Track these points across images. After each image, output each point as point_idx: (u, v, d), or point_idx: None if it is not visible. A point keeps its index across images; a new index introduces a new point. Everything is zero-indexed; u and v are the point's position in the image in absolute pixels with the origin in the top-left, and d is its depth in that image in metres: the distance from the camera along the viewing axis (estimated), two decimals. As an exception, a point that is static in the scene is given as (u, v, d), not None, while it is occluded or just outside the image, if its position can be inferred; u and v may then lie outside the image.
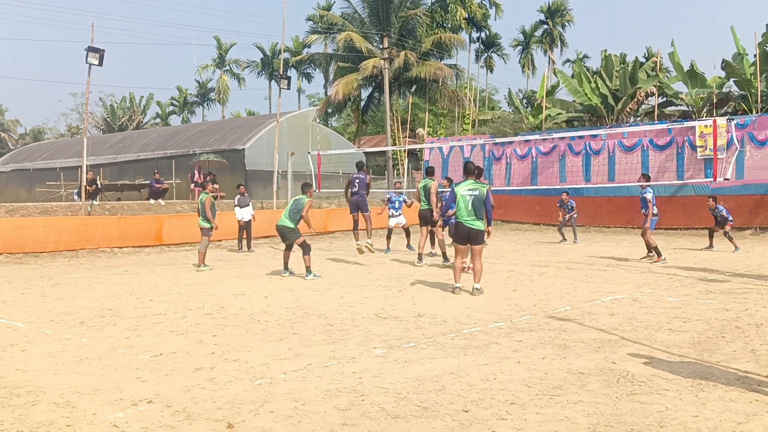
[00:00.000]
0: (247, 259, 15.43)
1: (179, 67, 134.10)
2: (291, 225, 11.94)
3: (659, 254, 13.72)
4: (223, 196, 26.11)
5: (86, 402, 4.83)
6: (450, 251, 13.13)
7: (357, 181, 14.31)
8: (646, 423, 4.24)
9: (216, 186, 26.66)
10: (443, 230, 14.13)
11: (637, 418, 4.34)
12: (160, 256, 16.60)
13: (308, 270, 11.74)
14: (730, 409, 4.48)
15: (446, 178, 17.42)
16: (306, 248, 11.86)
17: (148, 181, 26.59)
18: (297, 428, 4.25)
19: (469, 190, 9.69)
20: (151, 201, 22.83)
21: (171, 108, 73.75)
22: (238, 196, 17.69)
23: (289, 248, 12.25)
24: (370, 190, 15.07)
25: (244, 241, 17.69)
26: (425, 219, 13.82)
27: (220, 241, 19.49)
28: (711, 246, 16.35)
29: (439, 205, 13.46)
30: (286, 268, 12.21)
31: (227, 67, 68.23)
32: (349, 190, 14.42)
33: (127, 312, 8.58)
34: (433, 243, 15.04)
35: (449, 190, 13.15)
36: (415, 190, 17.23)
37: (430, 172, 14.16)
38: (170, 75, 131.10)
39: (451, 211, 12.64)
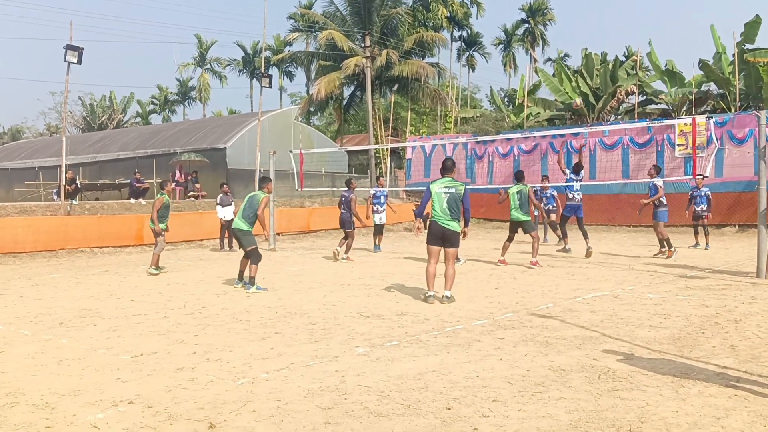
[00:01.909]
0: (229, 259, 15.35)
1: (159, 66, 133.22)
2: (244, 227, 10.52)
3: (670, 246, 13.84)
4: (204, 195, 25.98)
5: (66, 403, 4.78)
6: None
7: (342, 198, 15.07)
8: (627, 419, 4.27)
9: (197, 185, 26.64)
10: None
11: (617, 413, 4.38)
12: (140, 256, 16.48)
13: (251, 281, 10.23)
14: (709, 404, 4.52)
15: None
16: (255, 257, 10.36)
17: (128, 181, 26.36)
18: (279, 428, 4.23)
19: (445, 187, 9.01)
20: (132, 200, 22.65)
21: (151, 107, 73.09)
22: (221, 195, 17.61)
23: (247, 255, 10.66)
24: (356, 189, 15.18)
25: (226, 241, 17.60)
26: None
27: (201, 240, 19.41)
28: (702, 244, 16.24)
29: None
30: (240, 277, 10.70)
31: (208, 66, 67.77)
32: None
33: (107, 312, 8.51)
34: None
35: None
36: (397, 189, 17.14)
37: (520, 177, 13.59)
38: (150, 73, 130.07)
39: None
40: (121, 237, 17.94)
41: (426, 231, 9.44)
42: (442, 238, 9.05)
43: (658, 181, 13.94)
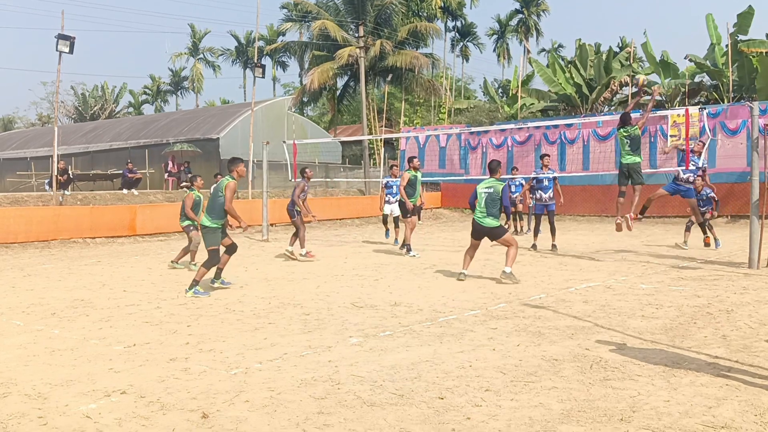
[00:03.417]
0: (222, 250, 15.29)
1: (152, 56, 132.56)
2: (205, 222, 9.21)
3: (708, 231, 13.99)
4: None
5: (58, 393, 4.77)
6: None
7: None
8: (619, 408, 4.29)
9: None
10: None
11: (609, 403, 4.40)
12: (133, 247, 16.44)
13: (193, 283, 9.06)
14: (701, 394, 4.55)
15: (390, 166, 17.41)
16: (209, 260, 9.08)
17: (120, 171, 26.27)
18: (272, 417, 4.23)
19: (486, 187, 9.94)
20: (124, 191, 22.58)
21: (144, 97, 72.80)
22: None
23: (228, 251, 9.62)
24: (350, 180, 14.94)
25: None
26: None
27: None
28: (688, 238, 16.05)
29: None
30: (218, 276, 9.63)
31: (201, 56, 67.47)
32: None
33: (99, 303, 8.49)
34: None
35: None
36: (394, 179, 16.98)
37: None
38: (143, 63, 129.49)
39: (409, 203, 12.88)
40: (114, 227, 17.88)
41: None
42: (478, 234, 10.11)
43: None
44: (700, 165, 13.49)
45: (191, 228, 11.94)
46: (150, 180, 28.33)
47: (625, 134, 11.92)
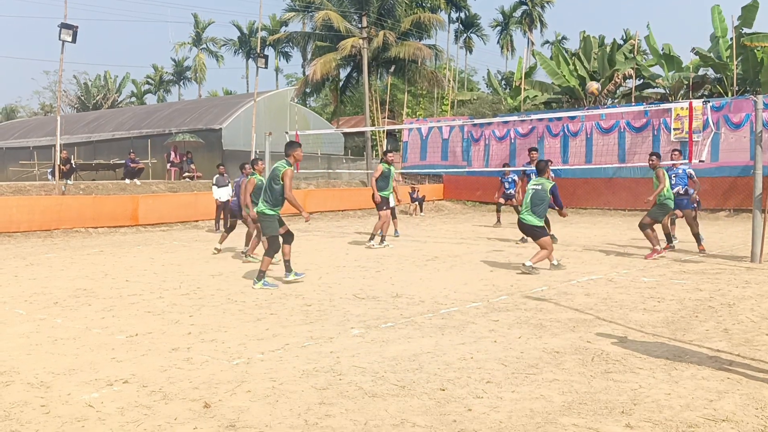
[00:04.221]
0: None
1: (155, 45, 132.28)
2: (265, 210, 8.94)
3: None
4: (199, 176, 25.91)
5: (61, 382, 4.79)
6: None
7: (235, 184, 13.30)
8: (620, 401, 4.30)
9: (192, 166, 26.54)
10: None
11: (611, 395, 4.40)
12: (135, 237, 16.46)
13: (260, 275, 8.85)
14: (702, 387, 4.55)
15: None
16: (270, 248, 8.92)
17: (123, 161, 26.26)
18: (274, 407, 4.25)
19: (534, 185, 10.08)
20: (127, 181, 22.58)
21: (146, 86, 72.72)
22: (217, 176, 17.55)
23: (285, 239, 9.19)
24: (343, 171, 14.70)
25: (222, 222, 17.56)
26: None
27: (197, 221, 19.38)
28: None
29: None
30: (288, 269, 9.18)
31: (204, 46, 67.36)
32: None
33: (102, 292, 8.51)
34: None
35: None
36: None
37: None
38: (146, 53, 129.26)
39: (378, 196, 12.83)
40: (116, 217, 17.90)
41: None
42: (524, 230, 10.23)
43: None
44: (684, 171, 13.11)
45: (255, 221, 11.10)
46: (152, 170, 28.32)
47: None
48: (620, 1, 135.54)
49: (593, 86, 18.90)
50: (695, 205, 13.33)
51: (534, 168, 14.11)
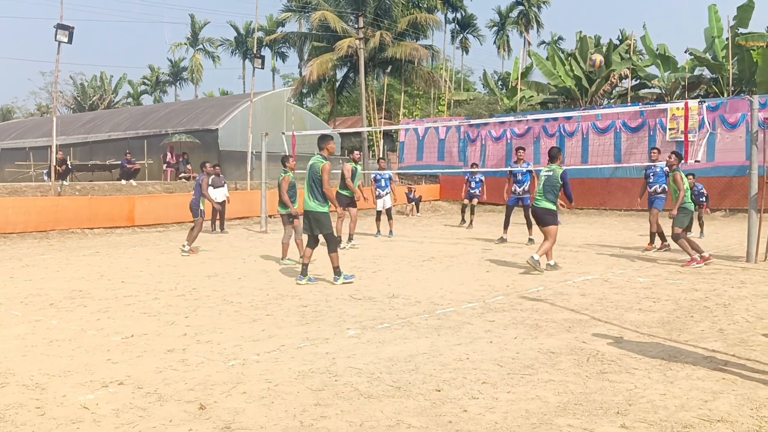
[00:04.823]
0: (221, 241, 15.32)
1: (151, 46, 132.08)
2: (318, 208, 8.91)
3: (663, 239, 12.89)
4: (195, 177, 25.86)
5: (56, 384, 4.78)
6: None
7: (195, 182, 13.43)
8: (615, 401, 4.31)
9: (189, 167, 26.51)
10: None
11: (606, 396, 4.41)
12: (131, 238, 16.43)
13: (336, 271, 9.05)
14: (697, 387, 4.56)
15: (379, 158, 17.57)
16: (332, 243, 9.03)
17: (119, 162, 26.23)
18: (269, 409, 4.24)
19: (546, 172, 10.16)
20: (123, 181, 22.55)
21: (143, 87, 72.65)
22: (213, 176, 17.50)
23: (314, 242, 9.21)
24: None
25: (218, 222, 17.55)
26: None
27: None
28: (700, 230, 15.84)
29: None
30: (304, 272, 9.19)
31: (201, 46, 67.28)
32: None
33: (97, 294, 8.49)
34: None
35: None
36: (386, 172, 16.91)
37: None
38: (142, 53, 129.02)
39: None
40: (112, 218, 17.86)
41: None
42: (536, 216, 10.20)
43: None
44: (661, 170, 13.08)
45: (291, 218, 11.40)
46: (148, 171, 28.30)
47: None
48: (616, 1, 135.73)
49: (598, 58, 18.98)
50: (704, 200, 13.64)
51: (520, 168, 14.15)
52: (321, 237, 9.12)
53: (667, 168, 11.61)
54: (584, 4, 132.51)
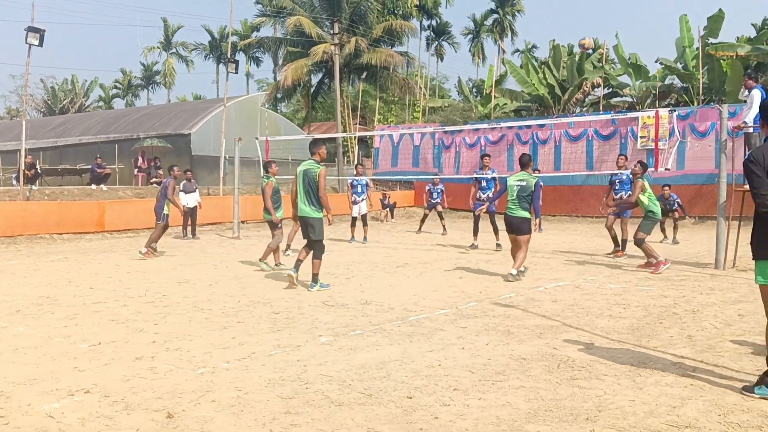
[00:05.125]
0: (192, 247, 15.18)
1: (124, 49, 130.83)
2: (314, 213, 8.99)
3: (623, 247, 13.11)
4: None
5: (21, 392, 4.68)
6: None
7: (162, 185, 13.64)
8: (585, 407, 4.32)
9: (160, 172, 26.23)
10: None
11: (576, 402, 4.43)
12: (101, 243, 16.22)
13: (314, 278, 9.06)
14: (666, 394, 4.60)
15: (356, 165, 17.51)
16: (319, 249, 9.13)
17: (89, 166, 25.88)
18: (239, 417, 4.19)
19: (517, 180, 10.03)
20: (93, 186, 22.24)
21: (114, 91, 71.87)
22: (184, 181, 17.36)
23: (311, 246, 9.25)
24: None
25: (189, 228, 17.39)
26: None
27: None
28: (666, 238, 16.00)
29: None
30: (296, 266, 9.31)
31: (174, 50, 66.76)
32: None
33: (65, 300, 8.35)
34: None
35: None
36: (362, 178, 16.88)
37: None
38: (114, 57, 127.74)
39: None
40: (82, 223, 17.60)
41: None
42: (510, 226, 10.09)
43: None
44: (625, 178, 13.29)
45: (276, 225, 11.40)
46: (119, 175, 27.94)
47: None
48: (589, 10, 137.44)
49: (587, 41, 19.18)
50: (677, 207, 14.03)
51: (485, 175, 14.22)
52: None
53: (632, 176, 11.83)
54: (558, 13, 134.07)
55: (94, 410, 4.32)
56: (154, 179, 25.95)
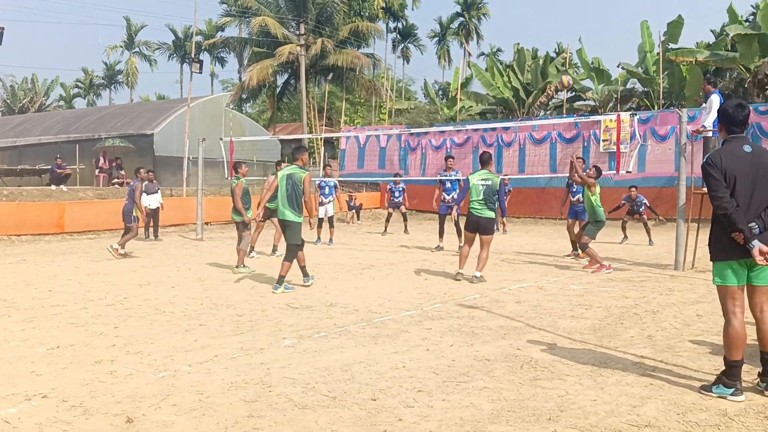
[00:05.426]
0: (154, 248, 14.97)
1: (85, 48, 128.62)
2: (293, 217, 9.10)
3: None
4: (129, 183, 25.24)
5: (-26, 398, 4.56)
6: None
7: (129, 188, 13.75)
8: (547, 407, 4.36)
9: (122, 172, 25.86)
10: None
11: (538, 402, 4.46)
12: (60, 245, 15.90)
13: (280, 279, 9.05)
14: (626, 393, 4.66)
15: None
16: (292, 253, 9.18)
17: (49, 166, 25.38)
18: (200, 421, 4.13)
19: (482, 179, 9.88)
20: (53, 187, 21.81)
21: (76, 90, 70.65)
22: (146, 182, 17.09)
23: (302, 246, 9.40)
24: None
25: (151, 230, 17.15)
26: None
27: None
28: (626, 238, 16.34)
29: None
30: (306, 274, 9.53)
31: (137, 49, 65.83)
32: None
33: (23, 303, 8.16)
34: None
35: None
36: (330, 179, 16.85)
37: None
38: (76, 56, 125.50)
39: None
40: (41, 225, 17.24)
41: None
42: (477, 227, 9.88)
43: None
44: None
45: (245, 227, 11.31)
46: (80, 176, 27.41)
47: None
48: (553, 15, 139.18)
49: (566, 78, 19.57)
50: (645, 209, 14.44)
51: (449, 176, 14.30)
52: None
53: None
54: (523, 17, 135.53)
55: (51, 415, 4.23)
56: (115, 180, 25.57)
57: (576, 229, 13.22)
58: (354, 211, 24.80)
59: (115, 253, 12.71)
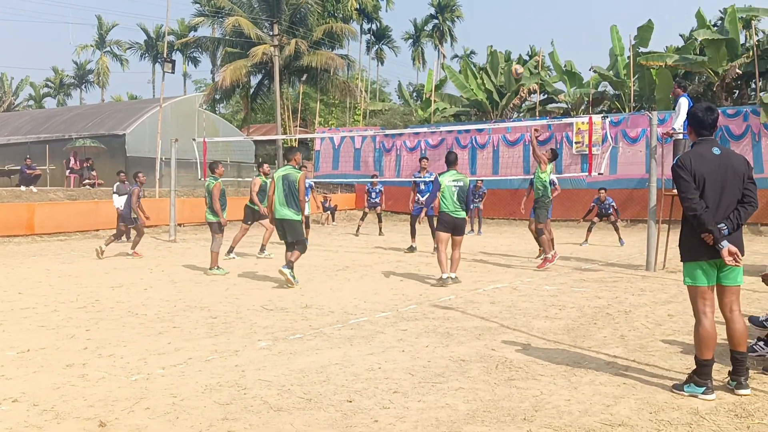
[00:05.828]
0: (126, 249, 14.77)
1: (55, 47, 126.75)
2: (293, 216, 9.45)
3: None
4: (100, 184, 24.94)
5: (-59, 404, 4.46)
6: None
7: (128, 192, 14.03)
8: (522, 407, 4.39)
9: (93, 173, 25.52)
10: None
11: (513, 402, 4.49)
12: (30, 247, 15.65)
13: (289, 264, 9.49)
14: (600, 393, 4.71)
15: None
16: (302, 247, 9.71)
17: (18, 167, 24.95)
18: (174, 425, 4.09)
19: (453, 180, 9.93)
20: (22, 188, 21.45)
21: (45, 90, 69.56)
22: (118, 183, 16.92)
23: (292, 246, 9.68)
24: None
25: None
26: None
27: (97, 230, 18.61)
28: (586, 241, 16.51)
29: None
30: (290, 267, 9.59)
31: (108, 49, 65.06)
32: None
33: (-9, 306, 8.01)
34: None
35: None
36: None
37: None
38: (46, 55, 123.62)
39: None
40: (10, 226, 16.95)
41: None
42: (453, 227, 9.90)
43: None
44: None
45: (220, 227, 11.22)
46: (50, 177, 27.00)
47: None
48: (526, 19, 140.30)
49: (519, 69, 19.71)
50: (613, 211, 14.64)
51: (423, 178, 14.35)
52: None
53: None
54: (496, 20, 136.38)
55: (22, 420, 4.16)
56: (87, 181, 25.22)
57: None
58: (329, 212, 24.75)
59: (134, 256, 13.16)
